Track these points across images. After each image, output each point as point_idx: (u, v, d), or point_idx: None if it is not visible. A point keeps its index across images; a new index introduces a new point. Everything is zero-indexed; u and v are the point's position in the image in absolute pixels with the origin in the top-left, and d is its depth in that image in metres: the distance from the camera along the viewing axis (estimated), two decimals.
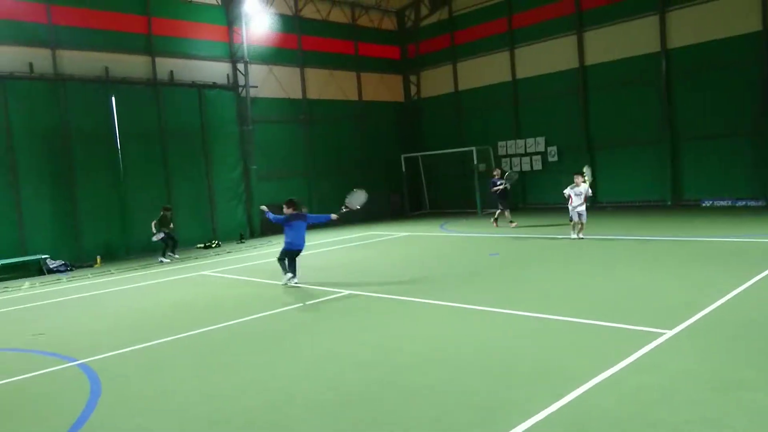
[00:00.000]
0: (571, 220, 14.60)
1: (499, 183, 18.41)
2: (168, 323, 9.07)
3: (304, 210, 13.03)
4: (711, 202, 19.60)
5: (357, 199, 11.83)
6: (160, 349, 7.61)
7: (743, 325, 6.57)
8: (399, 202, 27.71)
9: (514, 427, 4.40)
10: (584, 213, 14.35)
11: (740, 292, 7.99)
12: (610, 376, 5.29)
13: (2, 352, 8.26)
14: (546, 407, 4.69)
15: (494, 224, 18.61)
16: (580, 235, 14.34)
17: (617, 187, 21.92)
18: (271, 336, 7.87)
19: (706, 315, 6.99)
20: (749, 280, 8.58)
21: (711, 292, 8.02)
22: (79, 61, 18.67)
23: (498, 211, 18.63)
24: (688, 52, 20.00)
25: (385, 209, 27.07)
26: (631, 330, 6.64)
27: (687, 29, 19.94)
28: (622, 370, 5.42)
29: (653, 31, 20.67)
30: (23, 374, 6.91)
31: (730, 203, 19.14)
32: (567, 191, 14.51)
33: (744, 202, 18.79)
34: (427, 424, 4.62)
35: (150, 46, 20.29)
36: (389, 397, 5.27)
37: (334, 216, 11.49)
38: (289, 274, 11.24)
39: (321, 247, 17.45)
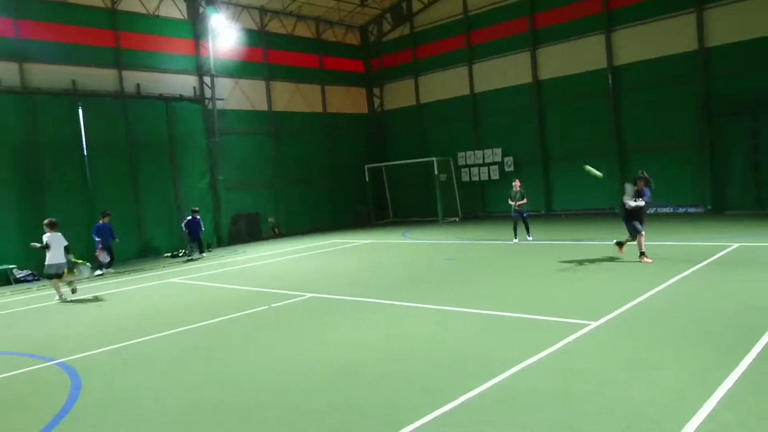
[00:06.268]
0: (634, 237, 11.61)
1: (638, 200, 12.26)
2: (140, 326, 9.57)
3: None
4: (655, 209, 20.83)
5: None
6: (134, 349, 8.16)
7: (658, 315, 7.49)
8: (364, 211, 28.47)
9: (451, 401, 5.16)
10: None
11: (663, 288, 8.95)
12: (539, 359, 6.11)
13: None
14: (480, 386, 5.47)
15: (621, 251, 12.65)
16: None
17: (570, 196, 23.12)
18: (240, 334, 8.50)
19: (628, 309, 7.89)
20: (672, 278, 9.57)
21: (637, 289, 8.96)
22: (47, 75, 18.96)
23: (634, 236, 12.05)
24: (633, 69, 21.34)
25: (350, 218, 27.84)
26: (562, 322, 7.50)
27: (632, 47, 21.29)
28: (549, 354, 6.24)
29: (600, 48, 21.98)
30: (7, 372, 7.39)
31: (672, 210, 20.44)
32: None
33: (684, 209, 20.11)
34: (382, 406, 5.33)
35: (118, 60, 20.67)
36: (350, 385, 5.97)
37: None
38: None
39: (285, 255, 18.05)
